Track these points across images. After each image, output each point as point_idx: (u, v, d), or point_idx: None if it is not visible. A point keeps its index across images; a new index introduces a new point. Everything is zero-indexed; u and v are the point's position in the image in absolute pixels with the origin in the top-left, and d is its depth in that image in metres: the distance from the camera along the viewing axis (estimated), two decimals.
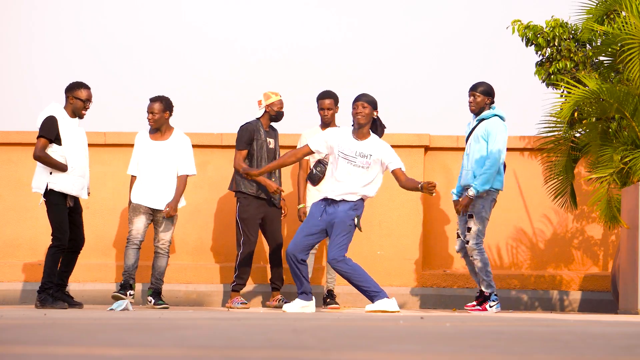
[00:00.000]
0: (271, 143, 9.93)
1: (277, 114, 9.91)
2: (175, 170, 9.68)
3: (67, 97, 9.13)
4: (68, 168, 8.97)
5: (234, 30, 19.76)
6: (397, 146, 10.89)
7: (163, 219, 9.65)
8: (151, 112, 9.63)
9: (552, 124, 10.09)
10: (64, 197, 9.01)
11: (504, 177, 9.51)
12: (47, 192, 8.96)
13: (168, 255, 9.73)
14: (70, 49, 19.65)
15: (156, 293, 9.65)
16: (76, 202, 9.17)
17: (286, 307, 8.76)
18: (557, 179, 10.10)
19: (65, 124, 9.02)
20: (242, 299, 9.85)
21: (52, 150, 8.96)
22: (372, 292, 8.56)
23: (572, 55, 10.49)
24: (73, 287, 10.41)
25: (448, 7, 19.86)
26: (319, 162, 9.44)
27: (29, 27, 19.62)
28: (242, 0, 19.94)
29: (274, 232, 9.93)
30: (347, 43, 19.67)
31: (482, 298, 9.41)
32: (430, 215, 10.97)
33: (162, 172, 9.64)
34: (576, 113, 10.09)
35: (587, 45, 10.62)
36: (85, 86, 9.16)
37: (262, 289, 10.65)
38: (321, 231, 8.65)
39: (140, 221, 9.60)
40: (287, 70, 18.89)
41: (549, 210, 10.87)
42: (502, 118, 9.42)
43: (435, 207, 10.96)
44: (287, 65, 18.97)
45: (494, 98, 9.47)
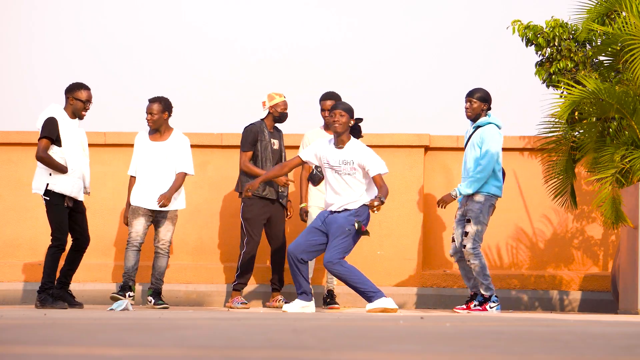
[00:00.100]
0: (275, 144, 9.94)
1: (281, 115, 9.92)
2: (174, 170, 9.67)
3: (67, 98, 9.13)
4: (68, 169, 8.97)
5: (234, 30, 19.76)
6: (397, 146, 10.93)
7: (163, 220, 9.65)
8: (150, 113, 9.63)
9: (551, 124, 10.09)
10: (63, 197, 9.01)
11: (502, 184, 9.50)
12: (47, 193, 8.96)
13: (168, 256, 9.73)
14: (70, 49, 19.66)
15: (156, 293, 9.65)
16: (78, 202, 9.17)
17: (286, 307, 8.76)
18: (557, 179, 10.10)
19: (65, 125, 9.02)
20: (242, 298, 9.86)
21: (52, 152, 8.95)
22: (370, 293, 8.57)
23: (572, 55, 10.50)
24: (73, 287, 10.39)
25: (448, 7, 19.87)
26: None
27: (29, 27, 19.63)
28: (242, 0, 19.95)
29: (277, 233, 9.93)
30: (347, 43, 19.68)
31: (472, 300, 9.43)
32: (430, 216, 10.97)
33: (161, 172, 9.64)
34: (576, 113, 10.09)
35: (587, 45, 10.62)
36: (86, 87, 9.15)
37: (262, 289, 10.65)
38: (323, 235, 8.68)
39: (140, 223, 9.60)
40: (287, 70, 18.90)
41: (549, 210, 10.87)
42: (498, 126, 9.43)
43: (435, 208, 10.95)
44: (287, 65, 18.97)
45: (491, 104, 9.48)
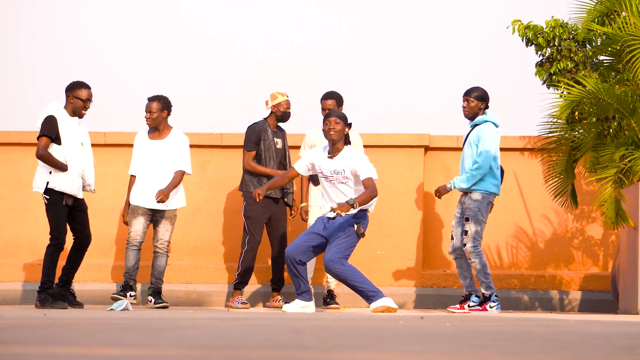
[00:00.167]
0: (279, 143, 9.94)
1: (284, 114, 9.92)
2: (173, 169, 9.66)
3: (67, 96, 9.13)
4: (68, 167, 8.97)
5: (234, 30, 19.76)
6: (397, 146, 10.93)
7: (162, 219, 9.65)
8: (149, 111, 9.64)
9: (552, 124, 10.09)
10: (62, 196, 9.00)
11: (500, 182, 9.50)
12: (47, 191, 8.97)
13: (167, 255, 9.73)
14: (70, 49, 19.66)
15: (156, 292, 9.65)
16: (79, 201, 9.17)
17: (286, 307, 8.76)
18: (557, 179, 10.09)
19: (65, 124, 9.02)
20: (242, 298, 9.86)
21: (52, 150, 8.95)
22: (370, 293, 8.57)
23: (572, 55, 10.50)
24: (73, 287, 10.39)
25: (448, 7, 19.87)
26: None
27: (29, 27, 19.63)
28: (242, 0, 19.94)
29: (278, 233, 9.93)
30: (347, 43, 19.67)
31: (467, 300, 9.43)
32: (430, 215, 10.97)
33: (160, 171, 9.63)
34: (577, 113, 10.09)
35: (588, 45, 10.61)
36: (86, 86, 9.16)
37: (263, 289, 10.65)
38: (322, 238, 8.70)
39: (139, 223, 9.61)
40: (287, 70, 18.89)
41: (549, 210, 10.87)
42: (496, 124, 9.43)
43: (436, 207, 10.96)
44: (287, 65, 18.97)
45: (488, 103, 9.49)
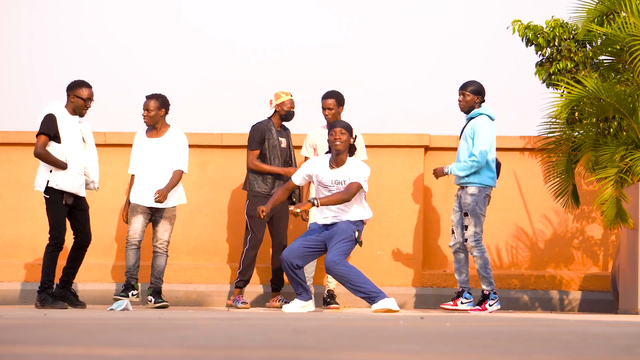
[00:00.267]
0: (283, 142, 9.95)
1: (287, 114, 9.92)
2: (172, 167, 9.67)
3: (68, 95, 9.14)
4: (68, 166, 8.97)
5: (234, 30, 19.76)
6: (397, 146, 10.93)
7: (161, 219, 9.65)
8: (146, 109, 9.64)
9: (551, 124, 10.09)
10: (62, 195, 9.00)
11: (497, 174, 9.51)
12: (47, 190, 8.97)
13: (167, 255, 9.73)
14: (70, 49, 19.66)
15: (156, 292, 9.65)
16: (80, 200, 9.17)
17: (286, 307, 8.77)
18: (558, 179, 10.09)
19: (65, 122, 9.02)
20: (243, 298, 9.85)
21: (52, 149, 8.96)
22: (372, 293, 8.57)
23: (572, 55, 10.50)
24: (73, 287, 10.39)
25: (448, 7, 19.87)
26: None
27: (29, 27, 19.63)
28: (242, 0, 19.94)
29: (279, 233, 9.92)
30: (347, 43, 19.67)
31: (459, 297, 9.43)
32: (430, 215, 10.97)
33: (158, 169, 9.63)
34: (577, 113, 10.09)
35: (588, 46, 10.62)
36: (87, 85, 9.16)
37: (263, 289, 10.65)
38: (319, 243, 8.72)
39: (138, 221, 9.61)
40: (287, 70, 18.89)
41: (549, 210, 10.87)
42: (491, 117, 9.43)
43: (436, 207, 10.96)
44: (287, 65, 18.97)
45: (484, 97, 9.49)
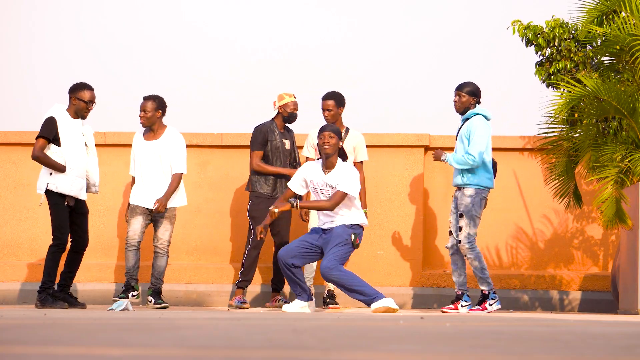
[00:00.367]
0: (286, 144, 9.95)
1: (290, 115, 9.92)
2: (170, 168, 9.67)
3: (70, 97, 9.14)
4: (66, 169, 8.97)
5: (234, 30, 19.76)
6: (397, 146, 10.93)
7: (161, 219, 9.65)
8: (143, 110, 9.64)
9: (551, 123, 10.09)
10: (63, 197, 9.01)
11: (494, 175, 9.49)
12: (47, 193, 8.98)
13: (167, 255, 9.72)
14: (70, 49, 19.66)
15: (156, 293, 9.66)
16: (80, 203, 9.16)
17: (286, 307, 8.77)
18: (558, 180, 10.09)
19: (66, 125, 9.02)
20: (244, 297, 9.85)
21: (52, 152, 8.96)
22: (370, 295, 8.56)
23: (572, 55, 10.50)
24: (73, 287, 10.40)
25: (448, 7, 19.87)
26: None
27: (29, 27, 19.63)
28: (242, 0, 19.94)
29: (281, 233, 9.92)
30: (347, 43, 19.67)
31: (459, 300, 9.42)
32: (430, 216, 10.97)
33: (156, 171, 9.64)
34: (576, 114, 10.09)
35: (588, 46, 10.61)
36: (89, 87, 9.16)
37: (263, 289, 10.65)
38: (315, 246, 8.74)
39: (137, 222, 9.61)
40: (287, 70, 18.89)
41: (549, 210, 10.87)
42: (487, 117, 9.42)
43: (436, 207, 10.96)
44: (287, 65, 18.97)
45: (480, 98, 9.48)
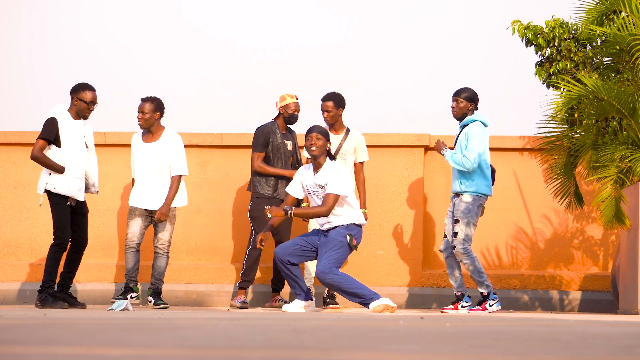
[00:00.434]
0: (288, 145, 9.95)
1: (291, 116, 9.92)
2: (169, 170, 9.67)
3: (72, 98, 9.14)
4: (65, 170, 8.97)
5: (234, 30, 19.76)
6: (397, 146, 10.93)
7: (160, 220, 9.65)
8: (141, 112, 9.63)
9: (551, 123, 10.09)
10: (65, 197, 9.02)
11: (492, 182, 9.49)
12: (49, 193, 8.98)
13: (167, 255, 9.72)
14: (70, 49, 19.66)
15: (156, 293, 9.66)
16: (80, 203, 9.16)
17: (286, 307, 8.77)
18: (558, 180, 10.09)
19: (67, 126, 9.02)
20: (244, 297, 9.85)
21: (52, 152, 8.96)
22: (367, 297, 8.55)
23: (572, 55, 10.50)
24: (73, 287, 10.40)
25: (448, 7, 19.87)
26: None
27: (29, 27, 19.63)
28: (242, 0, 19.94)
29: (281, 233, 9.92)
30: (347, 43, 19.67)
31: (459, 301, 9.41)
32: (430, 216, 10.97)
33: (155, 173, 9.64)
34: (576, 114, 10.09)
35: (588, 46, 10.61)
36: (91, 88, 9.16)
37: (263, 289, 10.65)
38: (312, 247, 8.76)
39: (136, 224, 9.62)
40: (287, 70, 18.89)
41: (549, 210, 10.87)
42: (485, 124, 9.42)
43: (436, 207, 10.96)
44: (287, 65, 18.97)
45: (477, 104, 9.48)
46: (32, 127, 10.26)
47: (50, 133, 8.94)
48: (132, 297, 9.52)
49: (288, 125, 10.05)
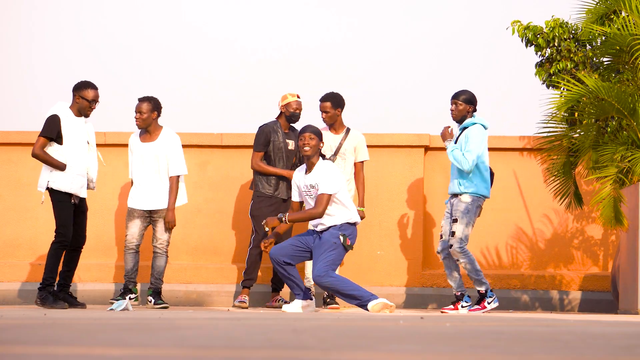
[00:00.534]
0: (290, 144, 9.95)
1: (292, 115, 9.92)
2: (167, 169, 9.67)
3: (74, 95, 9.14)
4: (66, 167, 8.97)
5: (234, 30, 19.76)
6: (397, 146, 10.93)
7: (160, 220, 9.65)
8: (139, 112, 9.63)
9: (551, 123, 10.09)
10: (68, 194, 9.02)
11: (490, 184, 9.48)
12: (51, 190, 8.98)
13: (167, 255, 9.72)
14: (70, 49, 19.66)
15: (156, 293, 9.66)
16: (82, 200, 9.17)
17: (286, 307, 8.77)
18: (558, 180, 10.09)
19: (69, 123, 9.03)
20: (244, 297, 9.84)
21: (53, 150, 8.97)
22: (364, 298, 8.54)
23: (572, 55, 10.50)
24: (73, 287, 10.40)
25: (448, 7, 19.87)
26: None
27: (29, 27, 19.63)
28: (242, 0, 19.95)
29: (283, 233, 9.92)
30: (347, 43, 19.68)
31: (459, 301, 9.41)
32: (430, 216, 10.97)
33: (153, 173, 9.64)
34: (576, 114, 10.09)
35: (588, 46, 10.62)
36: (93, 86, 9.16)
37: (263, 289, 10.65)
38: (307, 248, 8.75)
39: (135, 225, 9.62)
40: (287, 70, 18.89)
41: (549, 210, 10.87)
42: (484, 126, 9.42)
43: (436, 207, 10.96)
44: (287, 65, 18.97)
45: (476, 106, 9.47)
46: (32, 127, 10.26)
47: (52, 131, 8.94)
48: (130, 299, 9.52)
49: (291, 125, 10.04)
